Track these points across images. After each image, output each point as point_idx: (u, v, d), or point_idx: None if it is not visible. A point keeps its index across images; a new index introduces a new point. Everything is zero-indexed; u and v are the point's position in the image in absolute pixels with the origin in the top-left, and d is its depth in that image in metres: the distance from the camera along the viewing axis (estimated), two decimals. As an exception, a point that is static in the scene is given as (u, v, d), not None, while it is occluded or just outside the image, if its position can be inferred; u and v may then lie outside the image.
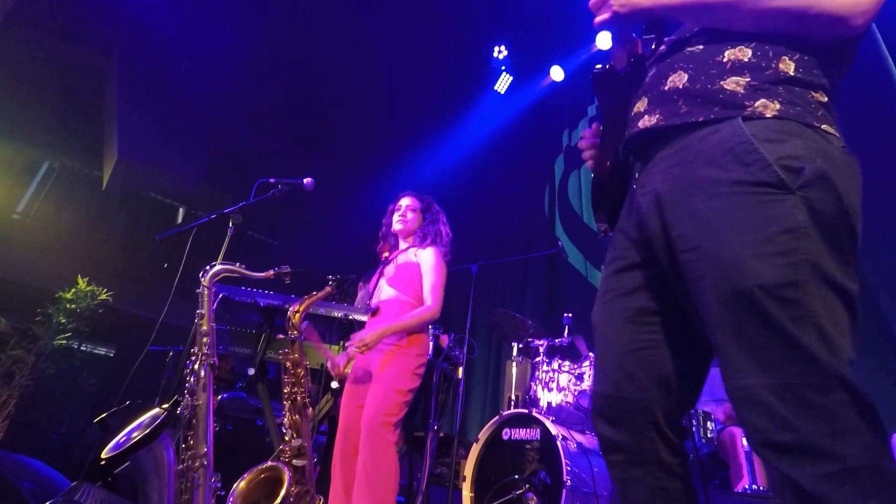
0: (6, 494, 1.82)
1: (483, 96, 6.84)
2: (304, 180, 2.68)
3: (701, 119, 0.98)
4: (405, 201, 2.91)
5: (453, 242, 2.94)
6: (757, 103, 0.95)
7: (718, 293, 0.90)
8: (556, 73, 6.21)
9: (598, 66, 1.18)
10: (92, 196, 6.76)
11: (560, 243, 4.01)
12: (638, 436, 1.05)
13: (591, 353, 3.53)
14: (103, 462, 1.62)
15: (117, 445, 1.64)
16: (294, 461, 2.07)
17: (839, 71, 1.03)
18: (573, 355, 3.76)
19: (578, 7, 1.26)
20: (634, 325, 1.08)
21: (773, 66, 0.98)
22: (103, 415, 1.93)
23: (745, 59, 1.00)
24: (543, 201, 6.48)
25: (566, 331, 3.77)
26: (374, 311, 2.71)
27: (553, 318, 4.19)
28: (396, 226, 2.86)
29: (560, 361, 3.53)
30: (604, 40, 5.35)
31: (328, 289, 2.28)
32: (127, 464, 1.65)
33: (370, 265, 3.13)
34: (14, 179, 6.56)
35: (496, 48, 6.53)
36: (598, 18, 1.11)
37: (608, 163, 1.19)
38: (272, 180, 2.67)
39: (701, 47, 1.06)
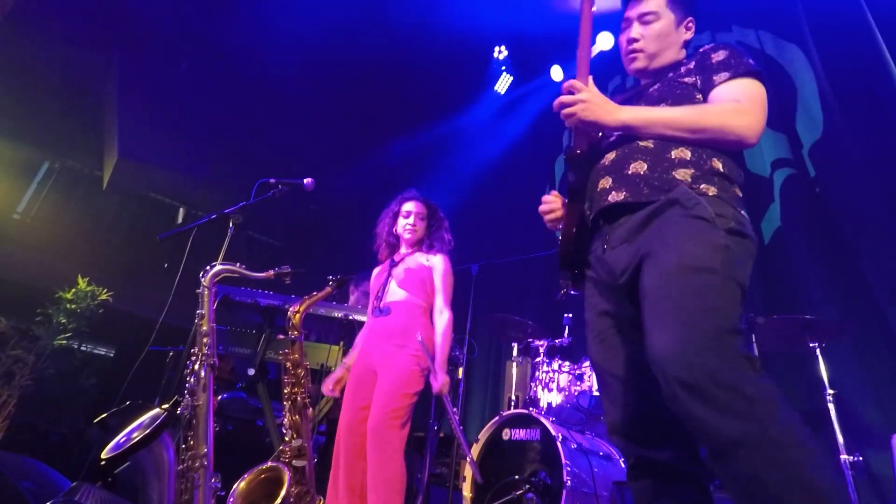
0: (6, 494, 1.82)
1: (483, 96, 6.84)
2: (305, 180, 2.68)
3: (662, 199, 1.30)
4: (413, 207, 2.92)
5: (453, 243, 2.96)
6: (701, 186, 1.30)
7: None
8: (556, 73, 6.21)
9: (574, 151, 1.46)
10: (92, 196, 6.75)
11: (560, 243, 4.00)
12: (666, 451, 1.21)
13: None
14: (103, 462, 1.62)
15: (117, 445, 1.64)
16: (294, 461, 2.07)
17: (740, 166, 1.42)
18: (573, 355, 3.75)
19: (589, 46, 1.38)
20: (632, 352, 1.28)
21: (709, 163, 1.34)
22: (103, 415, 1.93)
23: (687, 158, 1.35)
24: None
25: (566, 331, 3.76)
26: (385, 312, 2.72)
27: (553, 319, 4.18)
28: (405, 234, 2.89)
29: (560, 362, 3.53)
30: (605, 41, 5.35)
31: (328, 289, 2.28)
32: (127, 464, 1.65)
33: (368, 266, 3.13)
34: (14, 179, 6.56)
35: (496, 48, 6.52)
36: (568, 122, 1.40)
37: (574, 229, 1.46)
38: (272, 180, 2.66)
39: (651, 144, 1.40)
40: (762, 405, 0.99)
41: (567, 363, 3.54)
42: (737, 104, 1.34)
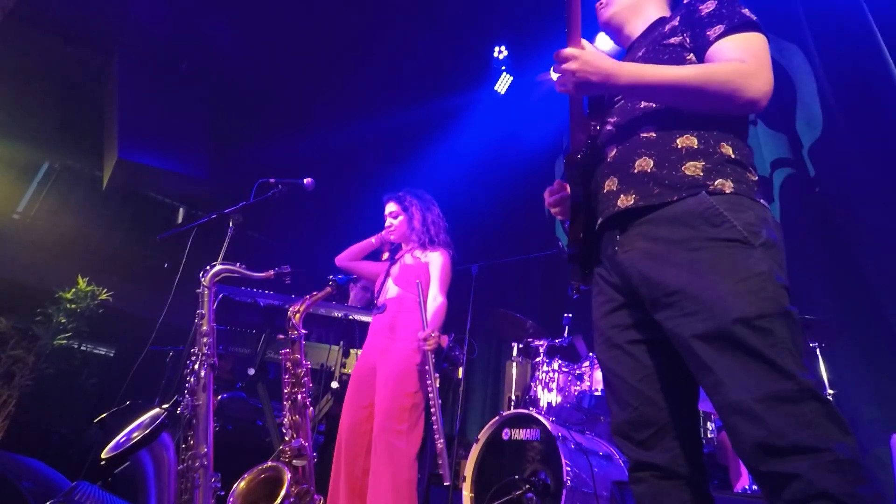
0: (6, 494, 1.82)
1: (483, 96, 6.83)
2: (304, 180, 2.69)
3: (675, 199, 1.20)
4: (387, 209, 2.97)
5: (453, 243, 2.96)
6: (716, 182, 1.19)
7: (704, 328, 1.07)
8: (556, 73, 6.20)
9: (573, 154, 1.37)
10: (92, 196, 6.75)
11: (560, 243, 4.01)
12: (668, 453, 1.19)
13: (591, 353, 3.52)
14: (103, 462, 1.62)
15: (117, 445, 1.64)
16: (294, 461, 2.07)
17: (746, 141, 1.30)
18: (573, 355, 3.76)
19: (581, 7, 1.32)
20: (639, 354, 1.24)
21: (718, 150, 1.23)
22: (103, 415, 1.93)
23: (695, 147, 1.24)
24: (543, 201, 6.46)
25: (566, 331, 3.77)
26: (381, 310, 2.73)
27: (553, 318, 4.18)
28: (390, 237, 2.95)
29: (560, 361, 3.53)
30: (603, 42, 5.34)
31: (328, 289, 2.28)
32: (127, 464, 1.65)
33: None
34: (14, 179, 6.56)
35: (496, 48, 6.52)
36: (562, 89, 1.31)
37: (581, 234, 1.38)
38: (272, 180, 2.67)
39: (654, 135, 1.28)
40: (851, 468, 0.94)
41: (567, 363, 3.54)
42: (741, 66, 1.19)
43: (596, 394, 3.35)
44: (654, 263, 1.17)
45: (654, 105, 1.31)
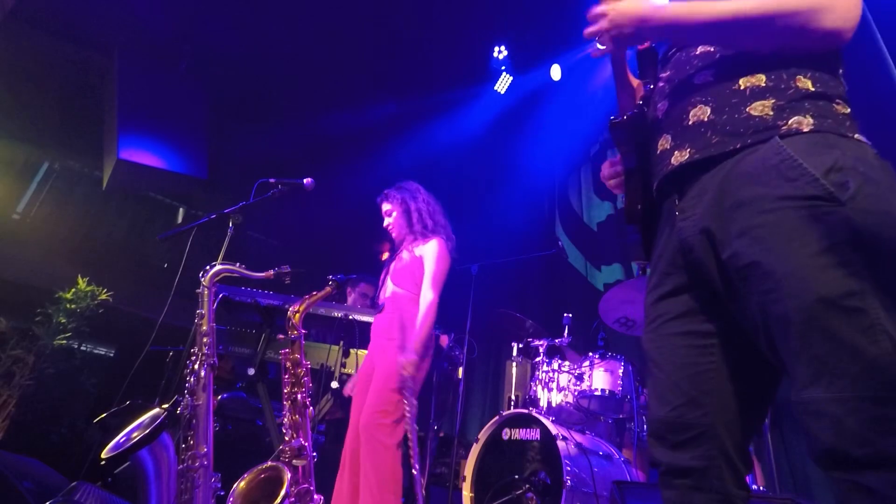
0: (6, 494, 1.82)
1: (483, 96, 6.83)
2: (304, 180, 2.69)
3: (738, 146, 1.00)
4: (383, 209, 3.00)
5: (455, 241, 2.96)
6: (791, 121, 0.98)
7: (780, 308, 0.88)
8: (555, 73, 6.21)
9: (617, 117, 1.20)
10: (92, 196, 6.75)
11: (560, 243, 4.01)
12: (704, 461, 1.02)
13: (590, 354, 3.52)
14: (103, 462, 1.62)
15: (117, 445, 1.65)
16: (294, 461, 2.07)
17: (842, 78, 1.07)
18: (573, 355, 3.76)
19: (579, 6, 1.28)
20: (690, 348, 1.06)
21: (793, 85, 1.01)
22: (103, 415, 1.93)
23: (762, 84, 1.03)
24: (543, 201, 6.47)
25: (566, 331, 3.77)
26: (379, 309, 2.74)
27: (553, 318, 4.18)
28: (392, 234, 2.97)
29: (560, 361, 3.53)
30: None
31: (328, 289, 2.28)
32: (127, 464, 1.65)
33: (367, 266, 3.14)
34: (14, 179, 6.56)
35: (496, 48, 6.52)
36: (601, 41, 1.14)
37: (638, 206, 1.21)
38: (272, 180, 2.67)
39: (711, 79, 1.08)
40: None
41: (567, 363, 3.54)
42: None
43: (596, 394, 3.34)
44: (721, 232, 0.98)
45: (712, 48, 1.13)
